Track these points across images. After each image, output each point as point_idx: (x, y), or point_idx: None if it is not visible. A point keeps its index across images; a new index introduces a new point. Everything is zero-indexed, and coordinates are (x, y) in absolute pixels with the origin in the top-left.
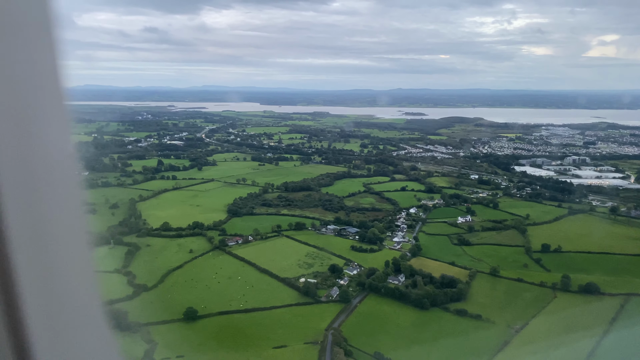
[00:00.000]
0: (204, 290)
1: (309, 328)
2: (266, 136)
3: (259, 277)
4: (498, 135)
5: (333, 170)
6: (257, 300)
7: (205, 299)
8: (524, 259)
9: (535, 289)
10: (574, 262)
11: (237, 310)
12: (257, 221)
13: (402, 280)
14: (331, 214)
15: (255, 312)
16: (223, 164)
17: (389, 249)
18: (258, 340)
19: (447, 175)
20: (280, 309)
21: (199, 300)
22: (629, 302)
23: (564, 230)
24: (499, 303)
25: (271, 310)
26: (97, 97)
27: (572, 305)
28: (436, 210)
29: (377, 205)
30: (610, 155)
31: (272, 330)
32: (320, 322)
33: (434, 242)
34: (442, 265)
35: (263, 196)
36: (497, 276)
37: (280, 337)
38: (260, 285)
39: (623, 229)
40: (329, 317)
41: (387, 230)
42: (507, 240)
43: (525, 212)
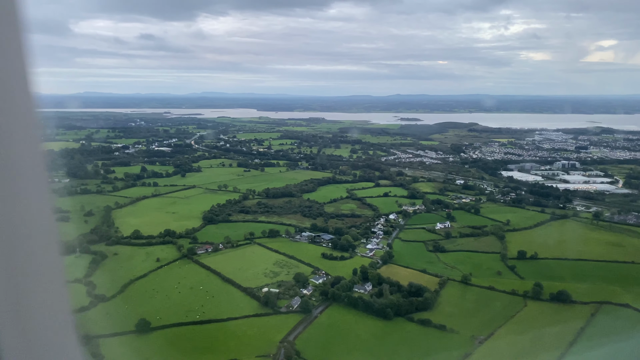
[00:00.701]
0: (163, 301)
1: (264, 340)
2: (256, 142)
3: (221, 287)
4: (490, 140)
5: (318, 176)
6: (215, 311)
7: (162, 309)
8: (499, 266)
9: (506, 297)
10: (550, 269)
11: (193, 321)
12: (232, 228)
13: (369, 289)
14: (309, 220)
15: (210, 324)
16: (208, 170)
17: (361, 257)
18: (208, 353)
19: (433, 180)
20: (237, 321)
21: (156, 311)
22: (599, 311)
23: (543, 236)
24: (466, 312)
25: (227, 322)
26: (95, 104)
27: (541, 314)
28: (416, 216)
29: (357, 211)
30: (601, 160)
31: (225, 342)
32: (276, 334)
33: (408, 249)
34: (413, 273)
35: (242, 203)
36: (468, 284)
37: (232, 350)
38: (221, 295)
39: (604, 234)
40: (286, 328)
41: (363, 237)
42: (484, 246)
43: (507, 217)
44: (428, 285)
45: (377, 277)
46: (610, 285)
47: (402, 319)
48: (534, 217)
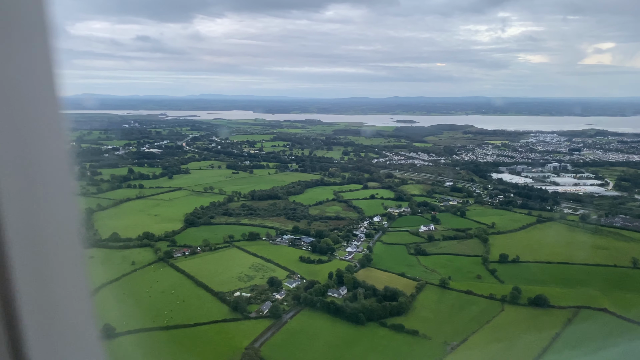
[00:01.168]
0: (132, 306)
1: (229, 347)
2: (248, 144)
3: (194, 291)
4: (484, 142)
5: (307, 178)
6: (183, 316)
7: (130, 314)
8: (479, 269)
9: (483, 301)
10: (531, 273)
11: (159, 327)
12: (213, 231)
13: (344, 293)
14: (293, 223)
15: (177, 329)
16: (196, 172)
17: (339, 260)
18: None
19: (422, 182)
20: (205, 326)
21: (123, 316)
22: (576, 316)
23: (528, 239)
24: (441, 317)
25: (194, 327)
26: (91, 106)
27: (518, 319)
28: (401, 219)
29: (342, 213)
30: (594, 162)
31: (189, 349)
32: (243, 340)
33: (389, 252)
34: (391, 277)
35: (227, 205)
36: (446, 288)
37: (194, 357)
38: (192, 300)
39: (589, 237)
40: (253, 334)
41: (344, 240)
42: (466, 250)
43: (493, 220)
44: (405, 289)
45: (352, 281)
46: (590, 290)
47: (375, 324)
48: (520, 220)
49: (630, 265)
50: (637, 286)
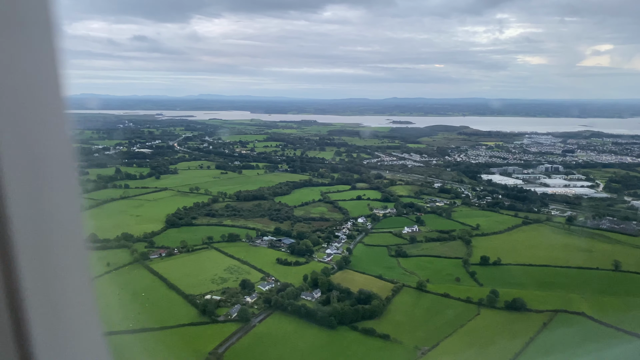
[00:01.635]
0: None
1: (193, 351)
2: (241, 144)
3: (165, 293)
4: (479, 143)
5: (296, 178)
6: (151, 319)
7: None
8: (459, 272)
9: (460, 305)
10: (511, 276)
11: (125, 330)
12: (193, 232)
13: (317, 296)
14: (276, 224)
15: (142, 333)
16: (184, 172)
17: (317, 262)
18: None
19: (411, 183)
20: (170, 330)
21: None
22: (553, 320)
23: (511, 241)
24: (415, 321)
25: (160, 331)
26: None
27: (493, 323)
28: (386, 220)
29: (326, 214)
30: (586, 164)
31: (153, 353)
32: (208, 345)
33: (370, 253)
34: (368, 279)
35: (211, 206)
36: (423, 291)
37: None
38: (162, 302)
39: (574, 239)
40: (219, 338)
41: (325, 242)
42: (448, 251)
43: (478, 222)
44: (382, 291)
45: (327, 283)
46: (570, 293)
47: (346, 328)
48: (506, 222)
49: (612, 268)
50: (616, 289)
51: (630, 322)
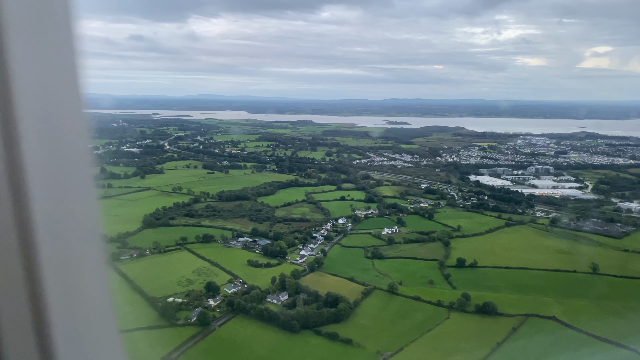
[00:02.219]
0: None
1: (147, 356)
2: (232, 144)
3: (129, 296)
4: (472, 144)
5: (282, 178)
6: None
7: None
8: (434, 274)
9: (430, 308)
10: (486, 279)
11: None
12: (168, 233)
13: (284, 299)
14: (255, 224)
15: None
16: (171, 172)
17: (289, 263)
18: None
19: (397, 184)
20: (127, 333)
21: None
22: (523, 325)
23: (491, 243)
24: (382, 325)
25: None
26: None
27: (461, 327)
28: (367, 221)
29: (308, 215)
30: (578, 165)
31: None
32: (162, 349)
33: (346, 255)
34: (339, 281)
35: (192, 206)
36: (395, 293)
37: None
38: (123, 305)
39: (555, 241)
40: (175, 343)
41: (301, 243)
42: (425, 253)
43: (460, 223)
44: (351, 294)
45: (295, 286)
46: (544, 296)
47: (310, 332)
48: (489, 223)
49: (590, 271)
50: (592, 293)
51: (602, 328)
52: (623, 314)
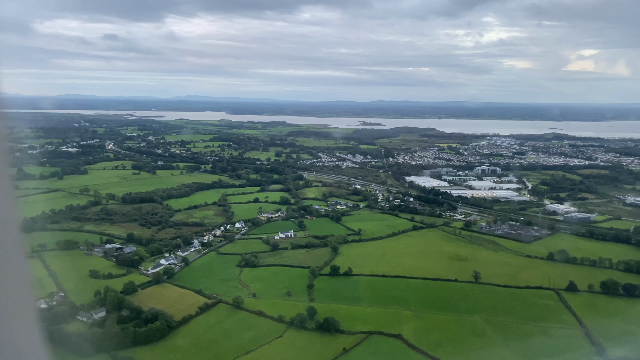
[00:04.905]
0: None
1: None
2: (180, 144)
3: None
4: (434, 144)
5: (208, 179)
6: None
7: None
8: (300, 284)
9: (267, 325)
10: (353, 289)
11: None
12: (40, 238)
13: (100, 315)
14: (142, 229)
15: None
16: (95, 173)
17: (139, 274)
18: None
19: (328, 185)
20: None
21: None
22: (359, 345)
23: (386, 248)
24: (201, 345)
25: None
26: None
27: (288, 348)
28: (268, 224)
29: (208, 218)
30: (529, 166)
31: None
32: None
33: (214, 264)
34: (183, 294)
35: (89, 209)
36: (239, 308)
37: None
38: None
39: (457, 246)
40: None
41: (170, 250)
42: (306, 260)
43: (366, 226)
44: (188, 309)
45: (117, 301)
46: (405, 309)
47: (106, 357)
48: (397, 226)
49: (472, 279)
50: (460, 306)
51: (447, 346)
52: (478, 331)
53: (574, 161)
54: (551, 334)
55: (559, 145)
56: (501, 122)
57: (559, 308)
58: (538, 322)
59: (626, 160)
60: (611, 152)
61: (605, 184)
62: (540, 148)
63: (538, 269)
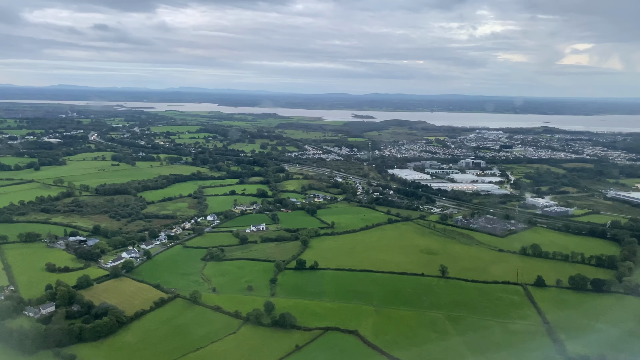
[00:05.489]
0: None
1: None
2: (166, 135)
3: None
4: (422, 137)
5: (187, 171)
6: None
7: None
8: (264, 278)
9: (223, 321)
10: (317, 283)
11: None
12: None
13: (48, 310)
14: (114, 221)
15: None
16: (73, 164)
17: (97, 268)
18: None
19: (309, 177)
20: None
21: None
22: (314, 341)
23: (357, 242)
24: (149, 342)
25: None
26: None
27: (240, 345)
28: (241, 217)
29: (181, 211)
30: (515, 159)
31: None
32: None
33: (178, 257)
34: (140, 289)
35: (59, 200)
36: (196, 303)
37: None
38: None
39: (430, 240)
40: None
41: (132, 243)
42: (274, 254)
43: (341, 219)
44: (143, 304)
45: (67, 296)
46: (366, 305)
47: (48, 354)
48: (372, 219)
49: (439, 274)
50: (423, 301)
51: (403, 343)
52: (437, 327)
53: (560, 155)
54: (512, 330)
55: (547, 138)
56: (493, 116)
57: (524, 303)
58: (500, 318)
59: (613, 154)
60: (599, 146)
61: (588, 177)
62: (529, 141)
63: (509, 264)
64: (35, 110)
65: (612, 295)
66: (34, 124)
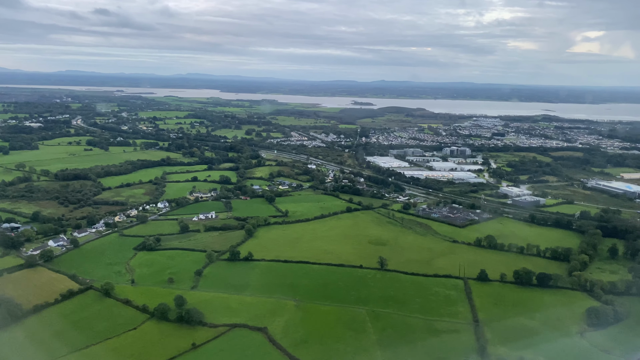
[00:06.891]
0: None
1: None
2: (151, 121)
3: None
4: (416, 124)
5: (158, 157)
6: None
7: None
8: (189, 270)
9: (129, 315)
10: (244, 275)
11: None
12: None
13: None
14: (61, 208)
15: None
16: (46, 148)
17: (16, 257)
18: None
19: (283, 164)
20: None
21: None
22: (216, 339)
23: (307, 231)
24: (44, 337)
25: None
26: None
27: (135, 342)
28: (194, 205)
29: (135, 197)
30: (504, 147)
31: None
32: None
33: (110, 246)
34: (56, 279)
35: (16, 185)
36: (108, 295)
37: None
38: None
39: (384, 230)
40: None
41: (76, 230)
42: (212, 243)
43: (299, 208)
44: (51, 295)
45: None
46: (289, 299)
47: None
48: (330, 208)
49: (377, 267)
50: (351, 295)
51: (312, 343)
52: (356, 325)
53: (552, 143)
54: (435, 329)
55: (544, 127)
56: (496, 103)
57: (460, 299)
58: (428, 315)
59: (607, 143)
60: (595, 134)
61: (573, 166)
62: (524, 129)
63: (458, 256)
64: (31, 94)
65: (558, 290)
66: (21, 108)
